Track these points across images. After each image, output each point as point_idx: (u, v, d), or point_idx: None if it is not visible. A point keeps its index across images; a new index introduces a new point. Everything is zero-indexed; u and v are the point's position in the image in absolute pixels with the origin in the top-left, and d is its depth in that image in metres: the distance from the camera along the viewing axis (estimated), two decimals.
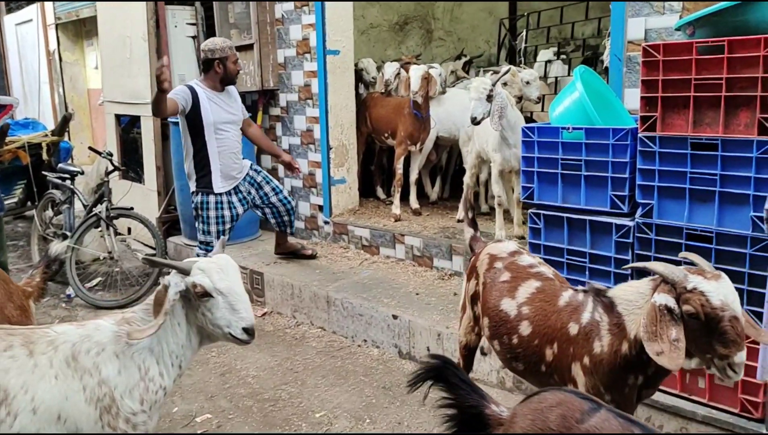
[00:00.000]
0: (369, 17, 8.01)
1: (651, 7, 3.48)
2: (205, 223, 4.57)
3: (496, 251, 2.67)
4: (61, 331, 2.19)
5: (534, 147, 3.23)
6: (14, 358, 2.07)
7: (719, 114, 2.61)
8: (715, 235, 2.68)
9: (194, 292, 2.19)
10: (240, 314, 2.21)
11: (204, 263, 2.24)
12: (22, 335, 2.15)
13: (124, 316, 2.26)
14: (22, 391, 2.04)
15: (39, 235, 6.20)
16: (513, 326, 2.43)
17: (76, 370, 2.11)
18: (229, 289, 2.21)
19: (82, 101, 10.36)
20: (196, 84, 4.49)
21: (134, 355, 2.18)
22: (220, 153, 4.51)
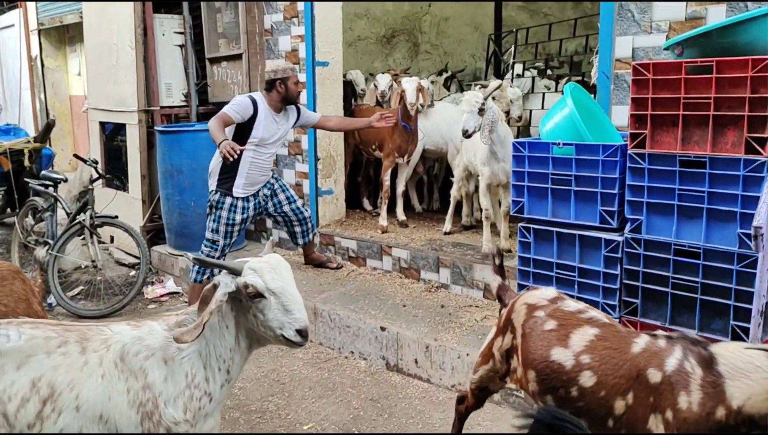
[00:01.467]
0: (357, 30, 8.06)
1: (639, 26, 3.55)
2: (215, 221, 4.57)
3: (534, 300, 2.45)
4: (117, 330, 2.18)
5: (525, 162, 3.27)
6: (66, 354, 2.08)
7: (707, 132, 2.67)
8: (702, 250, 2.73)
9: (246, 293, 2.14)
10: (293, 315, 2.15)
11: (256, 263, 2.18)
12: (79, 332, 2.16)
13: (177, 319, 2.22)
14: (68, 388, 2.04)
15: (20, 243, 6.11)
16: (571, 378, 2.19)
17: (122, 371, 2.09)
18: (282, 289, 2.16)
19: (64, 108, 10.28)
20: (261, 99, 4.52)
21: (183, 361, 2.14)
22: (251, 165, 4.53)
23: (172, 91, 6.34)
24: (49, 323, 2.20)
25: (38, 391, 2.02)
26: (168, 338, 2.14)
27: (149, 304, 5.48)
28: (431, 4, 8.81)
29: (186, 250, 5.80)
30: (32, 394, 2.02)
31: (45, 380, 2.03)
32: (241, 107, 4.40)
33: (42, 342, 2.09)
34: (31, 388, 2.02)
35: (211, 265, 2.19)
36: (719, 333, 2.73)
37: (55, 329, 2.15)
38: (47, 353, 2.07)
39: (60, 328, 2.16)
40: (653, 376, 2.03)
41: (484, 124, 4.16)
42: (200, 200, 5.67)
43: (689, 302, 2.80)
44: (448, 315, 4.20)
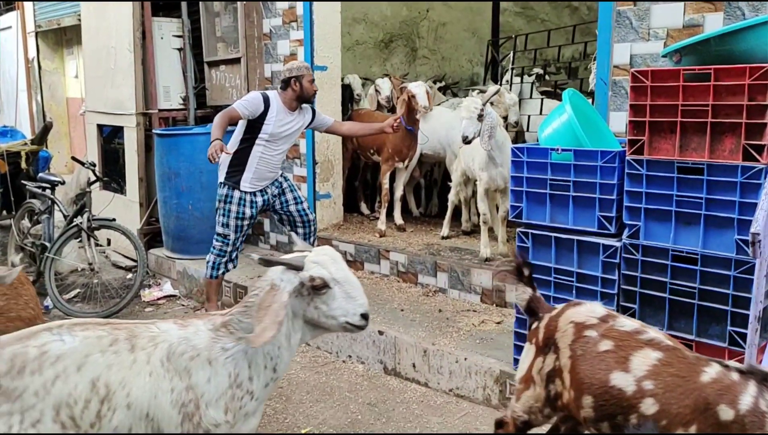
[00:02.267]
0: (355, 34, 8.08)
1: (636, 33, 3.58)
2: (225, 215, 4.57)
3: (583, 318, 2.29)
4: (164, 328, 2.20)
5: (523, 167, 3.29)
6: (117, 353, 2.11)
7: (705, 139, 2.69)
8: (700, 256, 2.75)
9: (311, 286, 2.16)
10: (358, 301, 2.20)
11: (317, 256, 2.21)
12: (127, 329, 2.18)
13: (223, 320, 2.23)
14: (121, 386, 2.07)
15: (16, 245, 6.09)
16: (632, 404, 2.06)
17: (167, 371, 2.11)
18: (346, 277, 2.21)
19: (60, 110, 10.25)
20: (275, 95, 4.52)
21: (227, 361, 2.15)
22: (260, 159, 4.52)
23: (170, 94, 6.35)
24: (97, 323, 2.22)
25: (97, 392, 2.06)
26: (213, 338, 2.17)
27: (146, 307, 5.47)
28: (429, 10, 8.84)
29: (183, 254, 5.81)
30: (93, 395, 2.06)
31: (102, 380, 2.07)
32: (252, 103, 4.41)
33: (95, 341, 2.12)
34: (92, 389, 2.06)
35: (276, 263, 2.19)
36: (716, 339, 2.75)
37: (104, 328, 2.17)
38: (101, 352, 2.10)
39: (108, 326, 2.19)
40: (724, 413, 1.90)
41: (484, 130, 4.18)
42: (198, 204, 5.69)
43: (687, 308, 2.82)
44: (446, 319, 4.21)
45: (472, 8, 9.15)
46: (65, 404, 2.04)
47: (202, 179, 5.66)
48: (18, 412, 2.01)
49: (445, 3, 8.95)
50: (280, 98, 4.52)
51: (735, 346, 2.68)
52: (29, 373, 2.04)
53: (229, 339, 2.19)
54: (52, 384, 2.04)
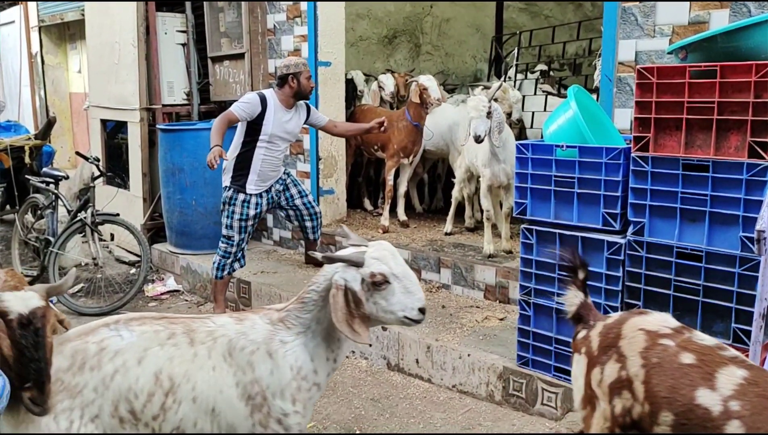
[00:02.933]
0: (359, 30, 8.07)
1: (642, 29, 3.57)
2: (229, 217, 4.59)
3: (654, 326, 2.09)
4: (221, 323, 2.23)
5: (528, 163, 3.28)
6: (177, 346, 2.14)
7: (710, 136, 2.68)
8: (704, 254, 2.75)
9: (371, 282, 2.16)
10: (416, 296, 2.20)
11: (376, 251, 2.21)
12: (183, 323, 2.20)
13: (279, 315, 2.26)
14: (185, 379, 2.10)
15: (20, 240, 6.11)
16: (716, 426, 1.87)
17: (231, 366, 2.14)
18: (404, 272, 2.20)
19: (63, 105, 10.27)
20: (271, 94, 4.54)
21: (287, 354, 2.18)
22: (263, 161, 4.55)
23: (174, 89, 6.35)
24: (153, 318, 2.24)
25: (161, 384, 2.08)
26: (271, 331, 2.20)
27: (150, 302, 5.48)
28: (433, 6, 8.82)
29: (186, 249, 5.81)
30: (156, 388, 2.08)
31: (165, 373, 2.09)
32: (249, 105, 4.42)
33: (153, 335, 2.14)
34: (155, 382, 2.08)
35: (338, 259, 2.19)
36: (720, 336, 2.75)
37: (160, 322, 2.20)
38: (160, 345, 2.13)
39: (164, 321, 2.22)
40: None
41: (494, 127, 4.19)
42: (201, 199, 5.69)
43: (691, 305, 2.82)
44: (449, 315, 4.22)
45: (476, 4, 9.13)
46: (125, 399, 2.07)
47: (206, 175, 5.65)
48: (78, 408, 2.04)
49: None
50: (277, 96, 4.53)
51: (739, 344, 2.67)
52: (89, 369, 2.07)
53: (287, 333, 2.22)
54: (111, 379, 2.07)
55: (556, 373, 3.30)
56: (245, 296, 5.10)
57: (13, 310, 1.86)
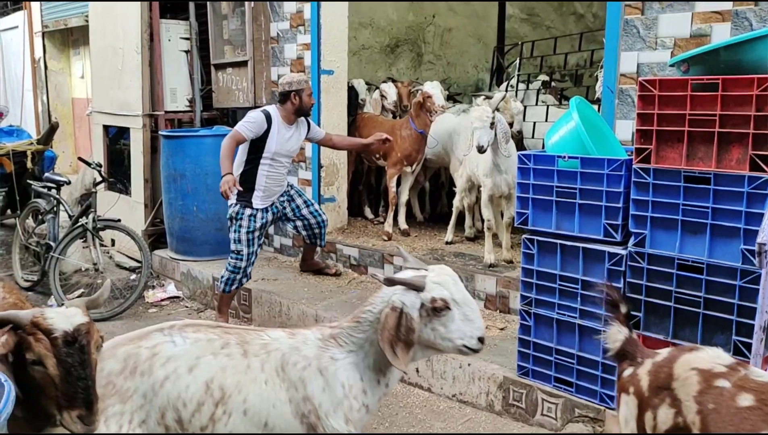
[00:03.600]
0: (361, 39, 8.11)
1: (644, 42, 3.59)
2: (236, 232, 4.60)
3: (707, 365, 1.93)
4: (275, 336, 2.20)
5: (530, 174, 3.29)
6: (230, 356, 2.11)
7: (712, 149, 2.70)
8: (705, 266, 2.76)
9: (432, 307, 2.09)
10: (476, 324, 2.14)
11: (437, 276, 2.15)
12: (238, 334, 2.19)
13: (332, 331, 2.21)
14: (237, 390, 2.07)
15: (21, 244, 6.12)
16: None
17: (283, 381, 2.11)
18: (465, 299, 2.14)
19: (66, 110, 10.28)
20: (275, 111, 4.58)
21: (337, 372, 2.14)
22: (267, 177, 4.60)
23: (177, 96, 6.37)
24: (209, 326, 2.22)
25: (212, 394, 2.05)
26: (321, 348, 2.16)
27: (150, 307, 5.48)
28: (435, 15, 8.87)
29: (187, 255, 5.82)
30: (207, 397, 2.05)
31: (216, 382, 2.06)
32: (255, 125, 4.46)
33: (206, 344, 2.12)
34: (206, 391, 2.05)
35: (399, 282, 2.12)
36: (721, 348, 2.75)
37: (215, 331, 2.17)
38: (213, 354, 2.10)
39: (219, 330, 2.19)
40: None
41: (500, 137, 4.22)
42: (203, 205, 5.71)
43: (692, 317, 2.82)
44: None
45: (478, 14, 9.18)
46: (172, 407, 2.04)
47: (208, 181, 5.67)
48: (128, 413, 2.03)
49: (451, 9, 8.98)
50: (279, 113, 4.57)
51: (740, 356, 2.67)
52: (140, 374, 2.05)
53: (338, 350, 2.17)
54: (160, 385, 2.05)
55: (556, 383, 3.30)
56: (245, 303, 5.10)
57: (58, 328, 1.81)
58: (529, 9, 9.67)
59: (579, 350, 3.19)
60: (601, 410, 3.13)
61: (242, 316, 5.12)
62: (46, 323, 1.81)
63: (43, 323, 1.81)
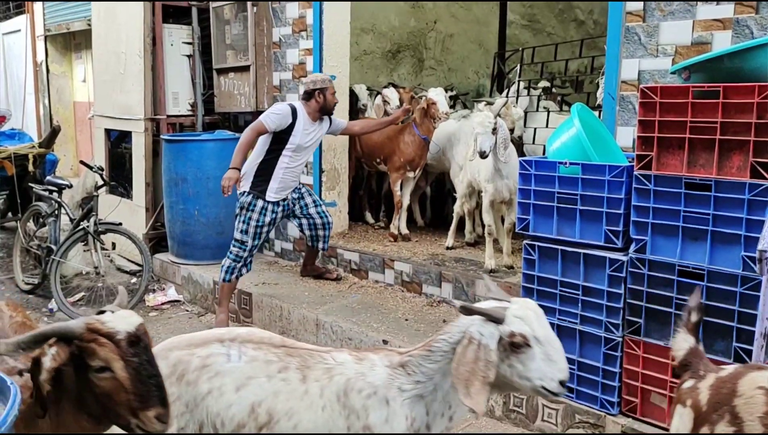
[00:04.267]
0: (363, 44, 8.13)
1: (645, 49, 3.60)
2: (245, 223, 4.63)
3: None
4: (340, 360, 2.10)
5: (531, 180, 3.31)
6: (287, 381, 2.03)
7: (713, 156, 2.71)
8: (706, 272, 2.77)
9: (510, 342, 1.95)
10: (558, 365, 1.96)
11: (520, 310, 2.00)
12: (300, 358, 2.09)
13: (401, 359, 2.09)
14: (287, 416, 1.99)
15: (22, 247, 6.12)
16: None
17: (344, 407, 2.01)
18: (548, 337, 1.98)
19: (67, 113, 10.31)
20: (300, 106, 4.66)
21: (404, 403, 2.02)
22: (285, 170, 4.65)
23: (179, 100, 6.39)
24: (272, 345, 2.13)
25: (256, 417, 1.98)
26: (390, 376, 2.05)
27: (150, 311, 5.48)
28: (437, 21, 8.90)
29: (188, 259, 5.82)
30: (249, 420, 1.98)
31: (265, 406, 1.99)
32: (279, 117, 4.53)
33: (263, 365, 2.04)
34: (250, 413, 1.98)
35: (476, 312, 1.99)
36: (721, 354, 2.76)
37: (277, 353, 2.09)
38: (268, 377, 2.02)
39: (282, 351, 2.10)
40: None
41: (499, 143, 4.24)
42: (204, 209, 5.72)
43: None
44: None
45: (479, 20, 9.21)
46: (211, 422, 1.99)
47: (209, 185, 5.68)
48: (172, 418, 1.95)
49: (452, 15, 9.01)
50: (305, 109, 4.63)
51: (740, 362, 2.68)
52: (185, 383, 2.01)
53: (407, 380, 2.05)
54: (202, 399, 1.99)
55: None
56: (246, 307, 5.10)
57: (120, 330, 1.75)
58: (530, 15, 9.70)
59: (580, 356, 3.20)
60: (602, 416, 3.14)
61: (243, 321, 5.12)
62: (106, 327, 1.76)
63: (103, 328, 1.75)
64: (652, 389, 2.98)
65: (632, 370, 3.04)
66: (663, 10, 3.51)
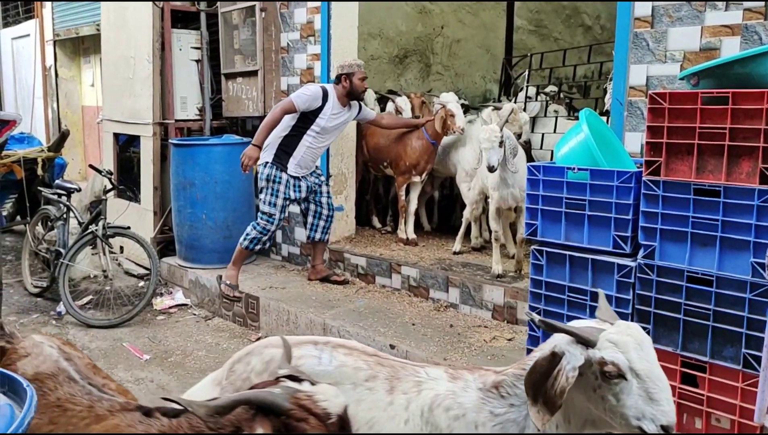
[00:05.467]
0: (370, 49, 8.16)
1: (653, 55, 3.61)
2: (274, 195, 4.72)
3: None
4: (433, 375, 2.01)
5: (539, 185, 3.31)
6: (372, 390, 1.97)
7: (722, 162, 2.70)
8: (715, 278, 2.75)
9: (601, 371, 1.75)
10: (661, 407, 1.72)
11: (616, 335, 1.79)
12: (391, 368, 2.03)
13: (495, 379, 1.96)
14: (367, 426, 1.92)
15: (31, 251, 6.16)
16: None
17: (427, 423, 1.90)
18: (649, 372, 1.74)
19: (75, 118, 10.38)
20: (332, 89, 4.73)
21: (494, 428, 1.87)
22: (307, 149, 4.74)
23: (187, 105, 6.43)
24: (364, 352, 2.08)
25: None
26: (482, 399, 1.91)
27: (158, 315, 5.50)
28: (444, 26, 8.92)
29: (196, 263, 5.84)
30: None
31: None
32: (310, 98, 4.60)
33: (351, 371, 1.99)
34: None
35: (559, 329, 1.82)
36: (731, 361, 2.75)
37: (367, 361, 2.03)
38: (354, 384, 1.96)
39: (372, 359, 2.05)
40: None
41: (508, 154, 4.24)
42: (211, 213, 5.74)
43: (701, 329, 2.82)
44: (457, 335, 4.22)
45: (486, 26, 9.23)
46: None
47: (217, 189, 5.71)
48: None
49: (459, 20, 9.04)
50: (335, 93, 4.71)
51: (749, 369, 2.67)
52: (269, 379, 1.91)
53: (500, 403, 1.90)
54: None
55: None
56: (253, 311, 5.12)
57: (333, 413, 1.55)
58: (537, 21, 9.72)
59: None
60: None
61: (250, 325, 5.14)
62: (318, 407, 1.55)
63: (314, 408, 1.54)
64: None
65: None
66: (671, 15, 3.52)
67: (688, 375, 2.87)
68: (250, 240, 4.77)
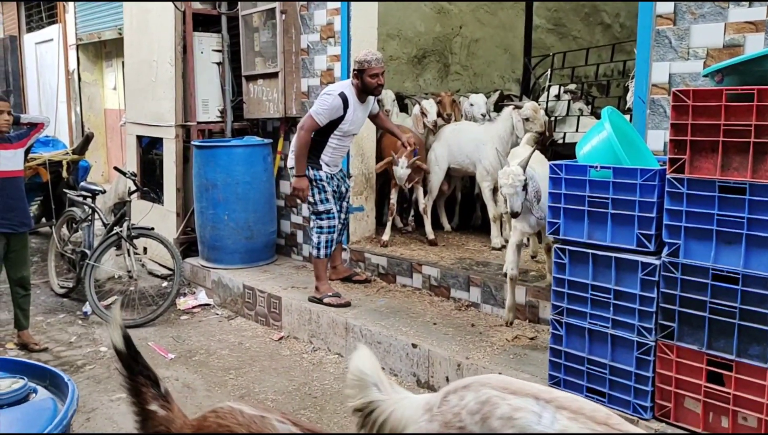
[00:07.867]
0: (389, 50, 8.19)
1: (676, 52, 3.59)
2: (323, 192, 4.79)
3: None
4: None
5: (561, 183, 3.31)
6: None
7: (747, 159, 2.69)
8: (741, 276, 2.74)
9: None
10: None
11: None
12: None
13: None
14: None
15: (57, 252, 6.26)
16: None
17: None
18: None
19: (98, 121, 10.53)
20: (350, 90, 4.68)
21: None
22: (334, 150, 4.81)
23: (209, 107, 6.49)
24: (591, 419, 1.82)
25: None
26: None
27: (182, 314, 5.57)
28: (462, 26, 8.93)
29: (218, 263, 5.90)
30: None
31: None
32: (330, 112, 4.61)
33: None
34: None
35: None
36: (757, 359, 2.74)
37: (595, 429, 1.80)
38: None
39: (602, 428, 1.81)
40: None
41: (532, 198, 3.86)
42: (233, 214, 5.80)
43: (727, 327, 2.81)
44: (479, 334, 4.23)
45: (505, 25, 9.22)
46: None
47: (238, 190, 5.77)
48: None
49: (478, 20, 9.03)
50: (354, 90, 4.70)
51: None
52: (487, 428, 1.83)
53: None
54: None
55: (588, 393, 3.29)
56: (275, 311, 5.16)
57: None
58: (555, 19, 9.69)
59: (611, 360, 3.18)
60: (635, 420, 3.12)
61: (272, 324, 5.18)
62: None
63: None
64: (686, 394, 2.96)
65: (665, 374, 3.01)
66: (694, 12, 3.50)
67: (714, 373, 2.86)
68: (323, 246, 4.79)
